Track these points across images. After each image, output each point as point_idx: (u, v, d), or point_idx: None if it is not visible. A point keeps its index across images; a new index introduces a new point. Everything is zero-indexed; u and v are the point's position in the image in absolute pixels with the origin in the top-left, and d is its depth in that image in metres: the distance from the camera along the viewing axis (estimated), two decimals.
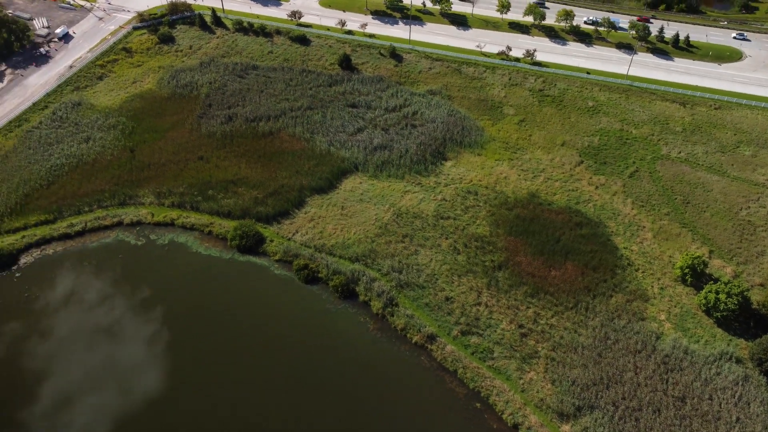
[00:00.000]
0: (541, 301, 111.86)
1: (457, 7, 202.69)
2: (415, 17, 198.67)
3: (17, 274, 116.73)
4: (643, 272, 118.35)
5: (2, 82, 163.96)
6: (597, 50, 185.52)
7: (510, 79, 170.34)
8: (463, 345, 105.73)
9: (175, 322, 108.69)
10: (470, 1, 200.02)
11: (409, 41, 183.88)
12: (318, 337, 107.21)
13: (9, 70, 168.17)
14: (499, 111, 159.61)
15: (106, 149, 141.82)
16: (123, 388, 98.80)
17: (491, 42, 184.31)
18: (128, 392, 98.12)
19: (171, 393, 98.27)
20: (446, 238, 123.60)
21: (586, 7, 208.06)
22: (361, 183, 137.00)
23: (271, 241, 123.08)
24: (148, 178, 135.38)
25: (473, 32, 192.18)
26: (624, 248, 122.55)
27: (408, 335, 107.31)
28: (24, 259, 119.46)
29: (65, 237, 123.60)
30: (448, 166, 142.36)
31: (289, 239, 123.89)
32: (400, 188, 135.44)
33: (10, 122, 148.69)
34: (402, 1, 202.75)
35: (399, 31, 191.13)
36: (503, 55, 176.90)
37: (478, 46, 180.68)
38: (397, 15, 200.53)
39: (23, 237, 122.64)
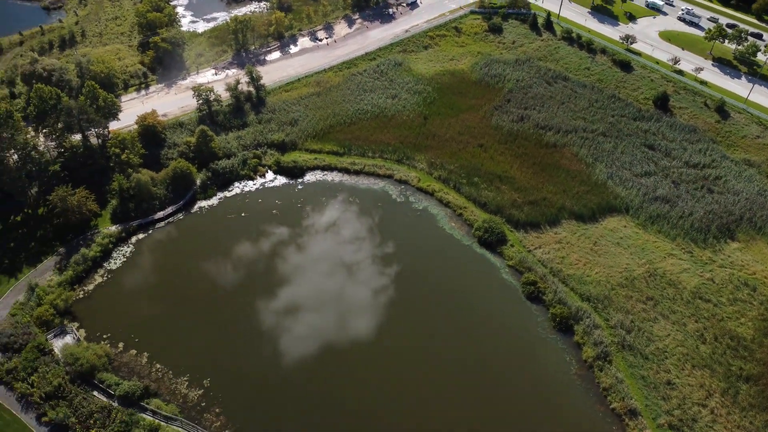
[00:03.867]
0: None
1: None
2: (765, 77, 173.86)
3: (299, 186, 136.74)
4: None
5: (351, 28, 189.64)
6: None
7: None
8: None
9: (398, 283, 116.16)
10: None
11: (746, 101, 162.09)
12: (516, 356, 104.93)
13: (359, 20, 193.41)
14: None
15: (406, 110, 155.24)
16: (333, 320, 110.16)
17: None
18: (336, 327, 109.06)
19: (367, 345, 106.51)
20: (696, 321, 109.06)
21: None
22: (625, 227, 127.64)
23: (512, 245, 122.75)
24: (428, 146, 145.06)
25: None
26: None
27: (609, 398, 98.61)
28: (308, 177, 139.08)
29: (345, 171, 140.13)
30: (733, 247, 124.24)
31: (529, 251, 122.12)
32: (665, 248, 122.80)
33: (343, 63, 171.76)
34: (755, 56, 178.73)
35: (737, 86, 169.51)
36: None
37: None
38: (743, 69, 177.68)
39: (315, 158, 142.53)
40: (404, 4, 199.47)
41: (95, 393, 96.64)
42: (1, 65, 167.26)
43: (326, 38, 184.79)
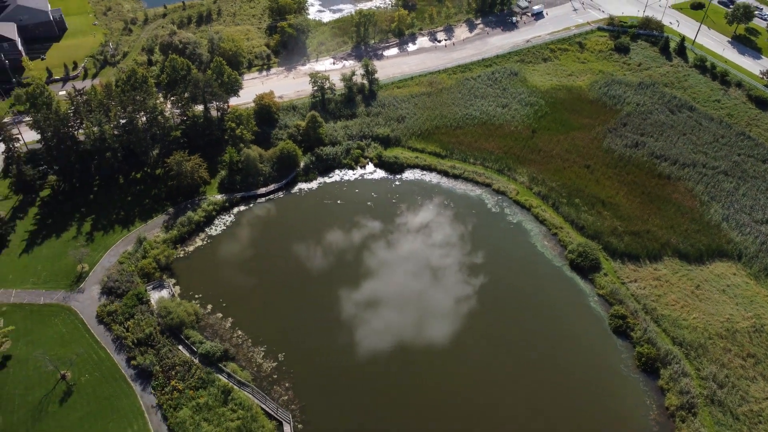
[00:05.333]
0: None
1: None
2: None
3: (397, 182, 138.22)
4: None
5: (471, 33, 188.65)
6: None
7: None
8: None
9: (480, 294, 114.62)
10: None
11: None
12: (593, 389, 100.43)
13: (481, 26, 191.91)
14: None
15: (515, 120, 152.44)
16: (405, 318, 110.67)
17: None
18: (407, 325, 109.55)
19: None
20: None
21: None
22: (734, 274, 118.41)
23: (605, 274, 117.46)
24: (532, 160, 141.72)
25: None
26: None
27: None
28: (407, 174, 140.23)
29: (444, 173, 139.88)
30: None
31: (623, 283, 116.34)
32: None
33: (458, 66, 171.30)
34: None
35: None
36: None
37: None
38: None
39: (416, 157, 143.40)
40: (529, 14, 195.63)
41: (180, 347, 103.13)
42: (144, 34, 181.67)
43: (445, 40, 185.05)
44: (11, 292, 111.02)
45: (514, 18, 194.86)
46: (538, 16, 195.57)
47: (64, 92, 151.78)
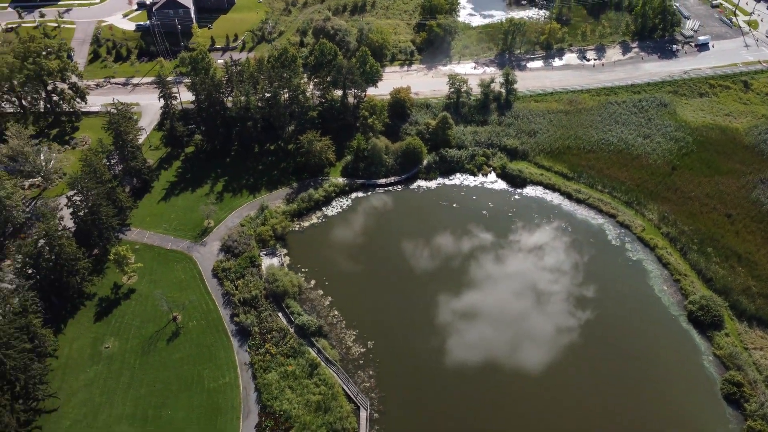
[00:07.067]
0: None
1: None
2: None
3: (516, 196, 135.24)
4: None
5: (624, 56, 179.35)
6: None
7: None
8: None
9: (584, 328, 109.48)
10: None
11: None
12: None
13: (636, 49, 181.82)
14: None
15: (655, 153, 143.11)
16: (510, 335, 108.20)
17: None
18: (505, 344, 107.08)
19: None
20: None
21: None
22: None
23: (727, 335, 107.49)
24: (666, 199, 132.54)
25: None
26: None
27: None
28: (528, 189, 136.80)
29: (567, 195, 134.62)
30: None
31: (746, 348, 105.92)
32: None
33: (603, 88, 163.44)
34: None
35: None
36: None
37: None
38: None
39: (541, 174, 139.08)
40: (693, 44, 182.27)
41: (280, 314, 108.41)
42: (301, 16, 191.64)
43: (594, 59, 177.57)
44: (146, 233, 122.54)
45: (674, 46, 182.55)
46: (703, 47, 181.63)
47: (221, 61, 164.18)
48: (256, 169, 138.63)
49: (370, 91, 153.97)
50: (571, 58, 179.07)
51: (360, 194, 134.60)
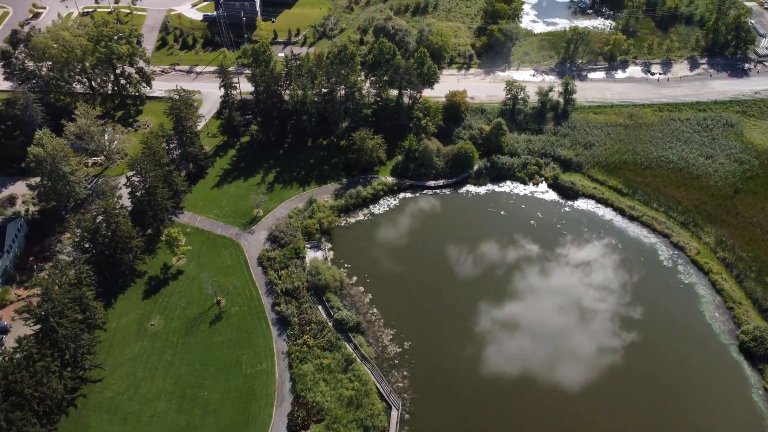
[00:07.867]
0: None
1: None
2: None
3: (566, 208, 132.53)
4: None
5: (691, 71, 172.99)
6: None
7: None
8: None
9: (628, 351, 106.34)
10: None
11: None
12: None
13: (704, 66, 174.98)
14: None
15: (717, 174, 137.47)
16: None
17: None
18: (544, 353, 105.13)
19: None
20: None
21: None
22: None
23: None
24: (725, 222, 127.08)
25: None
26: None
27: None
28: (580, 202, 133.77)
29: (620, 211, 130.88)
30: None
31: None
32: None
33: (666, 104, 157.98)
34: None
35: None
36: None
37: None
38: None
39: (595, 188, 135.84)
40: (767, 64, 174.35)
41: (320, 307, 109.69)
42: (363, 15, 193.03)
43: (659, 74, 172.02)
44: (197, 218, 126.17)
45: (746, 64, 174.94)
46: None
47: (282, 54, 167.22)
48: (308, 162, 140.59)
49: (426, 92, 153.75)
50: (635, 70, 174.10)
51: (408, 195, 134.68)
